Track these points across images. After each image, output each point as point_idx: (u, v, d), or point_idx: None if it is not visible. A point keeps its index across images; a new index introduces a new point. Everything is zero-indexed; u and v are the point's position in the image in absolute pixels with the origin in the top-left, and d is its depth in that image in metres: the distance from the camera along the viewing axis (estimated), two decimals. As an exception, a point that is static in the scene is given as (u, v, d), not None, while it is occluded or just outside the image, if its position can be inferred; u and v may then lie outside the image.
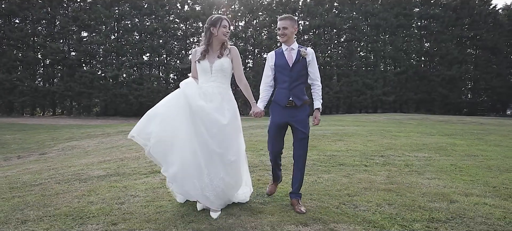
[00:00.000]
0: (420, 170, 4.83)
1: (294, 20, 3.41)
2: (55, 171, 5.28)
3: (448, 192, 3.76)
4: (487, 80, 37.50)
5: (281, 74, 3.38)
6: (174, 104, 3.21)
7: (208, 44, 3.31)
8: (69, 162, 6.45)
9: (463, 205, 3.34)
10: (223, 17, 3.35)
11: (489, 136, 9.11)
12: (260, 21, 37.60)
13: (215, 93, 3.24)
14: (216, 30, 3.28)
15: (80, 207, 3.39)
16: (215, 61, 3.29)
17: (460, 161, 5.51)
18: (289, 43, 3.39)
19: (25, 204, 3.55)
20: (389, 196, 3.62)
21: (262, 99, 3.48)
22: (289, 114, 3.35)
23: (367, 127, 11.38)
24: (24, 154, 9.34)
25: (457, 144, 7.37)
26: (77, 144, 10.49)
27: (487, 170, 4.90)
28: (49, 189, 4.10)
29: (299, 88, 3.36)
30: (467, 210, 3.22)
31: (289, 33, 3.36)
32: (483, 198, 3.56)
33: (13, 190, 4.19)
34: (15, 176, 5.11)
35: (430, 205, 3.35)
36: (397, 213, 3.16)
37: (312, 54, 3.41)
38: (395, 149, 6.67)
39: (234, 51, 3.37)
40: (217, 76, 3.28)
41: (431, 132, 9.80)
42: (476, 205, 3.33)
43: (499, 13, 38.64)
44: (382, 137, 8.44)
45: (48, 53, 33.15)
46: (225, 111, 3.22)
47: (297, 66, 3.34)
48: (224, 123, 3.17)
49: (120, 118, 31.72)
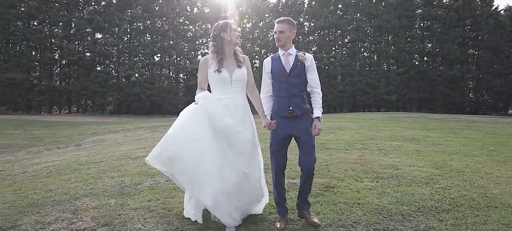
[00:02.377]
0: (387, 153, 6.18)
1: (292, 23, 3.18)
2: (104, 154, 6.73)
3: (399, 164, 5.12)
4: (489, 80, 38.34)
5: (279, 82, 3.17)
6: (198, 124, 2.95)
7: (221, 50, 3.11)
8: (109, 149, 7.91)
9: (404, 171, 4.70)
10: (230, 21, 3.21)
11: (465, 131, 10.38)
12: (266, 22, 38.95)
13: (238, 106, 3.08)
14: (227, 35, 3.11)
15: (145, 170, 4.82)
16: (235, 70, 3.11)
17: (423, 148, 6.84)
18: (286, 48, 3.17)
19: (102, 171, 5.00)
20: (354, 166, 4.99)
21: (266, 113, 3.27)
22: (290, 125, 3.12)
23: (360, 123, 12.69)
24: (62, 146, 10.83)
25: (431, 136, 8.68)
26: (104, 138, 11.97)
27: (440, 153, 6.23)
28: (112, 163, 5.54)
29: (299, 97, 3.14)
30: (405, 173, 4.58)
31: (285, 38, 3.13)
32: (421, 168, 4.91)
33: (84, 164, 5.64)
34: (74, 158, 6.57)
35: (381, 170, 4.72)
36: (356, 174, 4.55)
37: (311, 59, 3.19)
38: (375, 139, 8.01)
39: (247, 60, 3.27)
40: (238, 87, 3.11)
41: (415, 127, 11.11)
42: (413, 171, 4.69)
43: (500, 14, 39.39)
44: (369, 130, 9.78)
45: (65, 54, 34.95)
46: (249, 127, 3.09)
47: (295, 72, 3.12)
48: (249, 138, 3.05)
49: (132, 115, 33.30)
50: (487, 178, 4.43)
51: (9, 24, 33.70)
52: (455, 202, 3.50)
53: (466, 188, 3.97)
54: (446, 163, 5.32)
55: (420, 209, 3.31)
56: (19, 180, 4.88)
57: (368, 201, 3.53)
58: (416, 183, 4.14)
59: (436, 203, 3.47)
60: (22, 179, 4.93)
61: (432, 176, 4.48)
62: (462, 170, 4.81)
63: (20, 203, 3.63)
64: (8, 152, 10.00)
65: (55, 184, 4.41)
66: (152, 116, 32.58)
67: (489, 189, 3.91)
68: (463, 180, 4.28)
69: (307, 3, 39.64)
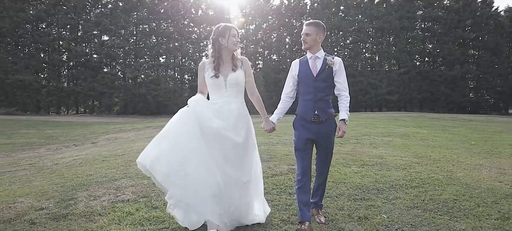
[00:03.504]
0: (377, 146, 6.89)
1: (320, 26, 3.15)
2: (123, 149, 7.49)
3: (384, 155, 5.83)
4: (489, 80, 38.86)
5: (305, 85, 3.15)
6: (183, 127, 2.97)
7: (218, 56, 3.11)
8: (126, 145, 8.67)
9: (387, 160, 5.41)
10: (231, 25, 3.18)
11: (455, 129, 11.06)
12: (269, 24, 39.70)
13: (232, 110, 3.07)
14: (225, 40, 3.09)
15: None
16: (229, 74, 3.10)
17: (411, 142, 7.54)
18: (313, 51, 3.15)
19: (128, 161, 5.73)
20: (345, 156, 5.70)
21: (278, 111, 3.28)
22: (314, 130, 3.11)
23: (358, 121, 13.39)
24: (78, 143, 11.61)
25: (421, 132, 9.37)
26: (117, 136, 12.74)
27: (424, 146, 6.93)
28: (134, 155, 6.21)
29: (325, 101, 3.12)
30: (388, 161, 5.29)
31: (311, 41, 3.11)
32: (403, 157, 5.62)
33: (109, 157, 6.38)
34: (96, 153, 7.33)
35: (367, 159, 5.43)
36: (346, 161, 5.27)
37: (339, 63, 3.17)
38: (369, 135, 8.71)
39: (246, 62, 3.22)
40: (232, 91, 3.10)
41: (408, 125, 11.81)
42: (395, 160, 5.40)
43: (500, 15, 39.87)
44: (365, 128, 10.48)
45: (72, 56, 35.88)
46: (240, 130, 3.05)
47: (322, 76, 3.10)
48: (239, 141, 3.01)
49: (139, 116, 34.10)
50: (458, 165, 5.13)
51: (18, 27, 34.62)
52: (422, 181, 4.22)
53: (435, 172, 4.68)
54: (427, 154, 6.02)
55: (393, 186, 4.04)
56: (57, 169, 5.64)
57: (352, 180, 4.25)
58: (395, 168, 4.86)
59: (407, 182, 4.20)
60: (59, 168, 5.69)
61: (410, 163, 5.19)
62: (438, 159, 5.51)
63: (69, 184, 4.40)
64: (28, 149, 10.78)
65: (92, 170, 5.17)
66: (158, 116, 33.36)
67: (455, 173, 4.63)
68: (436, 166, 4.99)
69: (309, 5, 40.35)
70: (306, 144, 3.13)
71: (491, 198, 3.62)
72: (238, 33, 3.17)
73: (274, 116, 3.26)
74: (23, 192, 4.17)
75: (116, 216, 3.26)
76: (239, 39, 3.21)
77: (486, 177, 4.45)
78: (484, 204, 3.46)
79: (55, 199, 3.78)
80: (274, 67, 38.49)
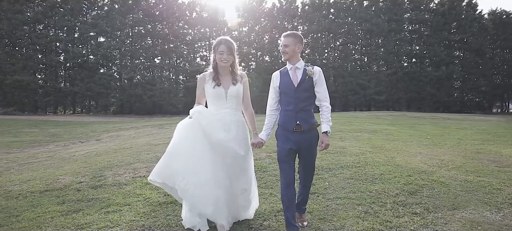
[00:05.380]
0: (345, 139, 8.07)
1: (297, 37, 3.24)
2: (130, 143, 8.59)
3: (347, 146, 7.02)
4: (473, 80, 40.46)
5: (286, 96, 3.20)
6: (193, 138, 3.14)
7: (216, 68, 3.27)
8: (130, 141, 9.77)
9: (347, 150, 6.59)
10: (223, 39, 3.29)
11: (424, 126, 12.33)
12: (262, 26, 40.93)
13: (232, 121, 3.21)
14: (215, 55, 3.25)
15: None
16: (230, 87, 3.24)
17: (375, 137, 8.75)
18: (293, 61, 3.21)
19: (137, 152, 6.83)
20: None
21: (266, 127, 3.35)
22: (296, 140, 3.15)
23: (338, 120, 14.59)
24: (83, 140, 12.67)
25: (389, 129, 10.61)
26: (119, 134, 13.81)
27: (384, 140, 8.14)
28: (141, 148, 7.39)
29: (306, 111, 3.17)
30: (347, 151, 6.47)
31: (291, 51, 3.18)
32: (361, 147, 6.81)
33: (119, 150, 7.49)
34: (105, 147, 8.44)
35: (331, 149, 6.58)
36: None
37: (319, 73, 3.22)
38: (343, 131, 9.90)
39: (245, 78, 3.35)
40: (232, 102, 3.24)
41: (381, 122, 13.06)
42: (353, 149, 6.59)
43: (484, 18, 41.49)
44: (341, 125, 11.68)
45: (70, 57, 36.71)
46: (241, 141, 3.22)
47: (303, 86, 3.15)
48: (242, 154, 3.19)
49: (135, 115, 34.95)
50: (401, 153, 6.35)
51: (16, 28, 35.35)
52: (366, 163, 5.43)
53: (379, 156, 5.90)
54: (383, 145, 7.23)
55: (342, 166, 5.25)
56: (79, 159, 6.75)
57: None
58: (350, 155, 6.05)
59: (354, 164, 5.40)
60: (79, 158, 6.81)
61: (364, 152, 6.39)
62: (389, 149, 6.73)
63: (95, 167, 5.55)
64: (37, 146, 11.78)
65: (109, 158, 6.29)
66: (154, 115, 34.32)
67: (395, 158, 5.84)
68: (383, 154, 6.20)
69: (300, 7, 41.62)
70: (288, 154, 3.17)
71: (408, 172, 4.86)
72: (228, 49, 3.22)
73: (263, 132, 3.32)
74: (60, 173, 5.33)
75: (137, 185, 4.49)
76: (232, 55, 3.25)
77: (417, 160, 5.67)
78: (400, 176, 4.69)
79: (89, 176, 4.97)
80: (266, 68, 39.64)
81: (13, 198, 4.25)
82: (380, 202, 3.79)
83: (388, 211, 3.58)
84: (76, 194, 4.28)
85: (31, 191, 4.48)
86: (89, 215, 3.58)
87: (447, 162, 5.64)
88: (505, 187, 4.33)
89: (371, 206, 3.72)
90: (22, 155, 8.75)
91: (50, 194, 4.33)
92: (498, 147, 7.34)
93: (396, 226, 3.28)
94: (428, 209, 3.63)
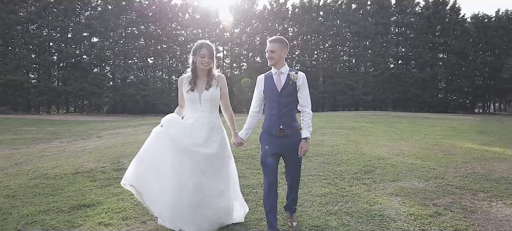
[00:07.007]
0: (325, 135, 9.09)
1: (283, 43, 3.27)
2: (133, 138, 9.47)
3: (325, 140, 8.04)
4: (457, 82, 42.09)
5: (270, 100, 3.27)
6: (157, 149, 3.24)
7: (194, 72, 3.33)
8: (132, 137, 10.63)
9: (325, 143, 7.60)
10: (205, 43, 3.32)
11: (401, 124, 13.42)
12: (253, 28, 41.94)
13: (204, 124, 3.26)
14: (195, 58, 3.28)
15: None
16: (204, 91, 3.29)
17: (353, 133, 9.79)
18: (278, 66, 3.27)
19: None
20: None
21: (246, 128, 3.44)
22: (280, 144, 3.22)
23: (323, 118, 15.67)
24: (85, 137, 13.47)
25: (366, 126, 11.69)
26: (117, 132, 14.62)
27: (360, 135, 9.19)
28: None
29: (289, 115, 3.22)
30: (324, 143, 7.48)
31: (277, 57, 3.23)
32: (336, 141, 7.84)
33: (124, 144, 8.38)
34: (109, 142, 9.31)
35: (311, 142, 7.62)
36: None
37: (303, 78, 3.27)
38: (325, 128, 10.93)
39: (222, 80, 3.37)
40: (206, 106, 3.29)
41: (362, 121, 14.15)
42: (330, 142, 7.61)
43: (467, 21, 43.19)
44: (325, 122, 12.73)
45: (63, 57, 37.16)
46: (213, 143, 3.24)
47: (286, 91, 3.21)
48: (210, 152, 3.21)
49: (128, 115, 35.52)
50: (370, 145, 7.40)
51: (9, 28, 35.71)
52: (337, 151, 6.46)
53: (350, 147, 6.94)
54: (356, 139, 8.29)
55: (317, 154, 6.26)
56: (91, 151, 7.62)
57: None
58: (326, 147, 7.07)
59: (327, 152, 6.42)
60: (91, 151, 7.68)
61: (338, 144, 7.43)
62: (361, 142, 7.78)
63: (112, 156, 6.44)
64: (42, 143, 12.43)
65: (121, 150, 7.16)
66: (147, 115, 34.98)
67: (362, 148, 6.89)
68: (353, 146, 7.25)
69: (291, 10, 42.75)
70: (272, 158, 3.23)
71: (368, 158, 5.92)
72: (209, 53, 3.28)
73: (242, 131, 3.43)
74: (83, 160, 6.21)
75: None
76: (212, 58, 3.31)
77: (380, 151, 6.73)
78: (363, 160, 5.77)
79: (109, 162, 5.88)
80: (258, 68, 40.63)
81: (51, 178, 5.13)
82: (341, 177, 4.86)
83: (345, 183, 4.66)
84: (102, 175, 5.18)
85: (64, 173, 5.32)
86: (119, 187, 4.37)
87: (405, 151, 6.71)
88: (439, 167, 5.42)
89: (334, 180, 4.77)
90: (31, 150, 9.54)
91: (81, 175, 5.19)
92: (454, 140, 8.45)
93: (348, 191, 4.36)
94: (375, 181, 4.72)
